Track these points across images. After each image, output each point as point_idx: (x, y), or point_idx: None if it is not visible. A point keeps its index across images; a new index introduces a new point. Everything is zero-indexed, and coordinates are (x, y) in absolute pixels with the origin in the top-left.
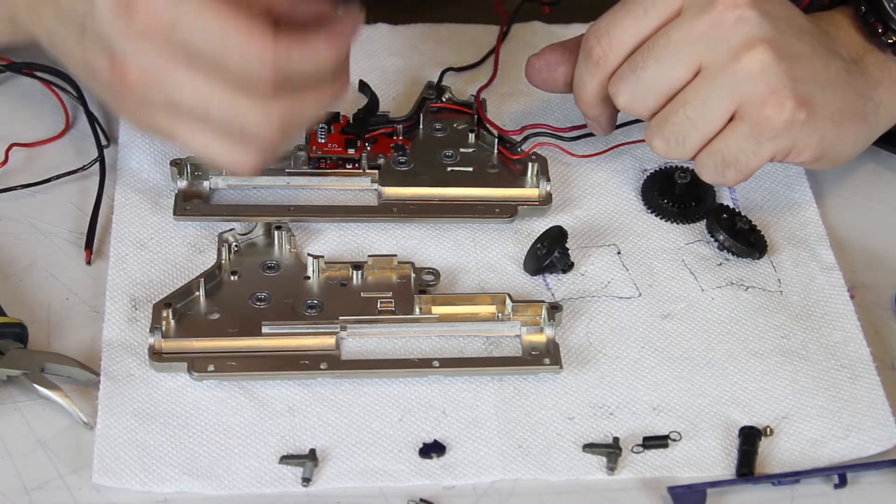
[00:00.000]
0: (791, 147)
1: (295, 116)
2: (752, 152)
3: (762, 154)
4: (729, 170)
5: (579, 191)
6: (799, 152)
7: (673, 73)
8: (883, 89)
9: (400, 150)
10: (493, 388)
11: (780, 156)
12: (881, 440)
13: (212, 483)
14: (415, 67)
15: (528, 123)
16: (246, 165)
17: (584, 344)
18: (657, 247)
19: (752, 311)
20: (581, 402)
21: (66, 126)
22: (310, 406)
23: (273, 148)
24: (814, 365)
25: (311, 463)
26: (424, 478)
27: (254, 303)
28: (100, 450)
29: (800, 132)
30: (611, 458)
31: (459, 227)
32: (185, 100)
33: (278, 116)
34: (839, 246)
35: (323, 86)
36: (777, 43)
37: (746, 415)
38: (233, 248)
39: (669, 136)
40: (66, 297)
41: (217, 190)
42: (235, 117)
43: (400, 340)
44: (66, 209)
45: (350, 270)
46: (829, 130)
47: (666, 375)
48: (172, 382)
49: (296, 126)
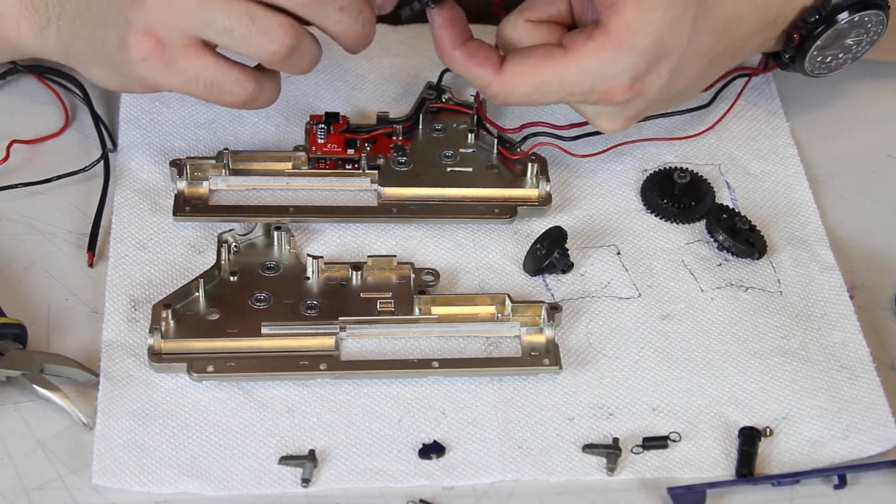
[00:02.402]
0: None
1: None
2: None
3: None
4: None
5: (579, 191)
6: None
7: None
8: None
9: (399, 151)
10: (492, 388)
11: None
12: (881, 441)
13: (211, 484)
14: (415, 67)
15: (528, 123)
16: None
17: (583, 344)
18: (657, 247)
19: (751, 312)
20: (581, 403)
21: (67, 123)
22: (309, 407)
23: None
24: (813, 365)
25: (310, 464)
26: (424, 478)
27: (253, 303)
28: (99, 450)
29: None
30: (610, 458)
31: (459, 227)
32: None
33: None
34: (839, 246)
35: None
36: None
37: (746, 415)
38: (232, 249)
39: None
40: (66, 298)
41: (216, 190)
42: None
43: (399, 341)
44: (65, 210)
45: (349, 271)
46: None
47: (665, 376)
48: (172, 383)
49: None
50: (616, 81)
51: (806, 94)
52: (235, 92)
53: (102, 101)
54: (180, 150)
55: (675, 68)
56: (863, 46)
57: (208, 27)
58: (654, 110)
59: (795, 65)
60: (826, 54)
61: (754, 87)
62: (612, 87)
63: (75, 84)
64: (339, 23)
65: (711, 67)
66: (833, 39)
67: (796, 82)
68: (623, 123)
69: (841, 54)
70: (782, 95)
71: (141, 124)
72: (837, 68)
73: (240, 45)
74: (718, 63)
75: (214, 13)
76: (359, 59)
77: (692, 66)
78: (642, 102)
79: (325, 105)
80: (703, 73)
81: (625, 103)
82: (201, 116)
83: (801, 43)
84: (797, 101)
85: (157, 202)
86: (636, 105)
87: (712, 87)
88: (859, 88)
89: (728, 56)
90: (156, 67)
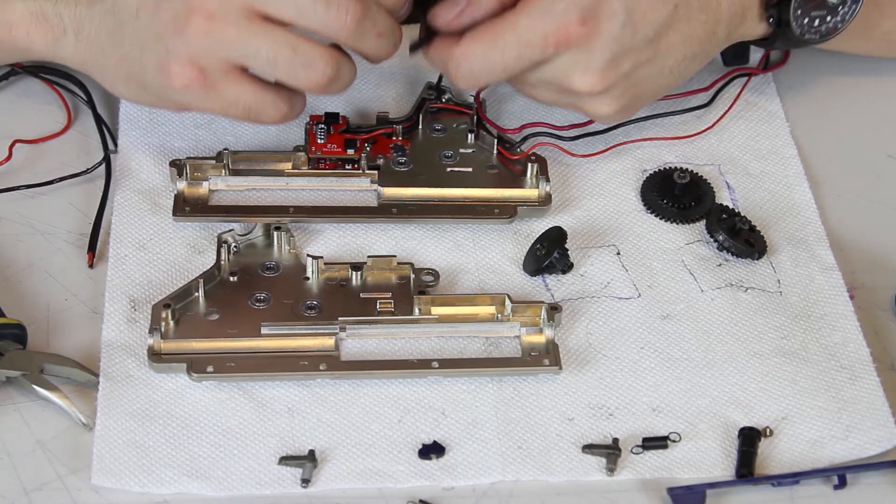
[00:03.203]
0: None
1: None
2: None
3: None
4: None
5: (579, 191)
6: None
7: None
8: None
9: (399, 151)
10: (492, 388)
11: None
12: (881, 441)
13: (211, 484)
14: (415, 67)
15: (528, 123)
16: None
17: (583, 345)
18: (657, 247)
19: (751, 312)
20: (581, 403)
21: (69, 123)
22: (309, 407)
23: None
24: (813, 366)
25: (310, 464)
26: (424, 479)
27: (253, 303)
28: (99, 451)
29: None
30: (610, 459)
31: (459, 227)
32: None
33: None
34: (839, 246)
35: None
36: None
37: (746, 415)
38: (232, 249)
39: None
40: (66, 298)
41: (216, 190)
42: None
43: (399, 341)
44: (65, 210)
45: (349, 271)
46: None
47: (665, 376)
48: (172, 383)
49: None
50: (565, 18)
51: (806, 95)
52: (271, 113)
53: (105, 103)
54: (180, 150)
55: (630, 6)
56: (848, 6)
57: (251, 58)
58: (639, 65)
59: (784, 30)
60: (812, 15)
61: (754, 87)
62: (563, 25)
63: (77, 85)
64: (376, 47)
65: (682, 18)
66: None
67: (796, 82)
68: (597, 76)
69: (828, 16)
70: (782, 95)
71: (141, 125)
72: (829, 34)
73: (282, 74)
74: (691, 16)
75: (258, 44)
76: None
77: (653, 9)
78: (607, 44)
79: (325, 105)
80: (676, 23)
81: (586, 45)
82: (201, 117)
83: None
84: (797, 101)
85: (157, 202)
86: (602, 47)
87: (712, 86)
88: (859, 89)
89: (699, 6)
90: (197, 95)
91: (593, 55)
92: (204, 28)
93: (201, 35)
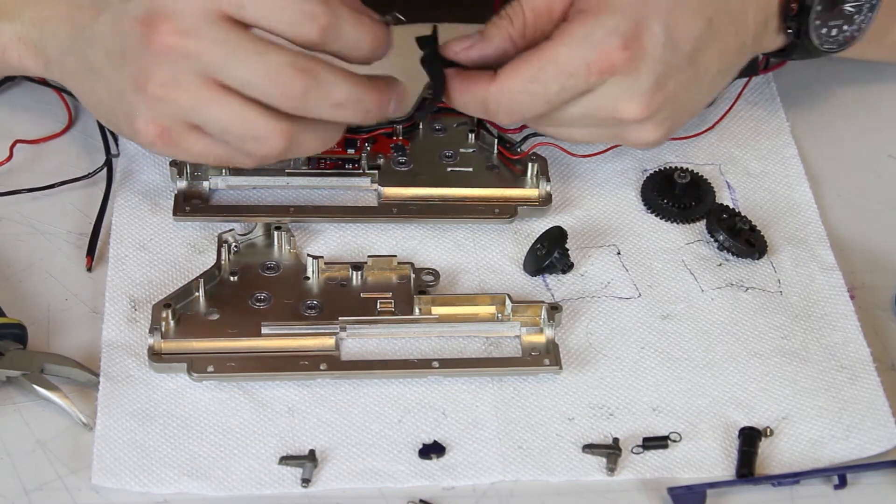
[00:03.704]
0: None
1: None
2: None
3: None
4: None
5: (579, 191)
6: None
7: None
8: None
9: (400, 151)
10: (492, 388)
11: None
12: (881, 441)
13: (211, 484)
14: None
15: None
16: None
17: (583, 344)
18: (657, 247)
19: (751, 312)
20: (581, 403)
21: (70, 123)
22: (309, 407)
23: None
24: (814, 366)
25: (310, 464)
26: (424, 479)
27: (253, 303)
28: (99, 451)
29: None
30: (610, 458)
31: (459, 227)
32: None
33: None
34: (839, 246)
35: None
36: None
37: (746, 415)
38: (232, 249)
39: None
40: (66, 298)
41: (217, 190)
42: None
43: (399, 341)
44: (66, 210)
45: (350, 271)
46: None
47: (666, 376)
48: (172, 383)
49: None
50: (607, 45)
51: (806, 95)
52: (245, 161)
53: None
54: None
55: (668, 25)
56: (864, 14)
57: (206, 124)
58: (681, 85)
59: (804, 41)
60: (830, 25)
61: (754, 87)
62: (605, 52)
63: None
64: (336, 115)
65: (716, 33)
66: (830, 5)
67: (796, 82)
68: (644, 100)
69: (845, 25)
70: (782, 95)
71: None
72: (847, 43)
73: (235, 144)
74: (723, 29)
75: (210, 112)
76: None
77: (690, 24)
78: (652, 66)
79: None
80: (711, 38)
81: (631, 70)
82: None
83: (800, 13)
84: (797, 101)
85: (158, 202)
86: (647, 70)
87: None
88: (860, 89)
89: (730, 19)
90: (165, 148)
91: (639, 79)
92: (160, 94)
93: (157, 100)
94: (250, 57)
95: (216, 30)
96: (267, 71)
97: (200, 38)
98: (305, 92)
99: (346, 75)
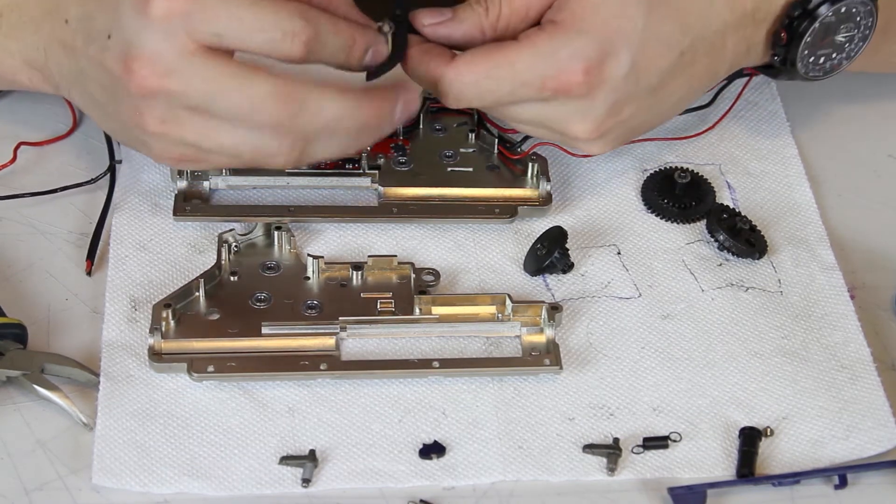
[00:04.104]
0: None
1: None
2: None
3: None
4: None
5: (579, 191)
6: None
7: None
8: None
9: (400, 151)
10: (493, 388)
11: None
12: (881, 441)
13: (211, 484)
14: None
15: None
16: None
17: (584, 344)
18: (657, 247)
19: (752, 312)
20: (581, 403)
21: (74, 126)
22: (309, 407)
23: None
24: (814, 365)
25: (310, 464)
26: (424, 479)
27: (253, 303)
28: (99, 451)
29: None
30: (611, 458)
31: (459, 227)
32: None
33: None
34: (839, 246)
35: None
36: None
37: (746, 415)
38: (232, 249)
39: None
40: (66, 298)
41: (217, 190)
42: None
43: (400, 341)
44: (67, 211)
45: (350, 271)
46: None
47: (666, 376)
48: (172, 383)
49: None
50: (568, 66)
51: (806, 94)
52: (269, 166)
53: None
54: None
55: (636, 56)
56: (855, 43)
57: (217, 148)
58: (638, 111)
59: (789, 68)
60: (818, 53)
61: (754, 87)
62: (564, 72)
63: None
64: (335, 130)
65: (687, 65)
66: (822, 35)
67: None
68: (594, 125)
69: (834, 53)
70: (782, 95)
71: None
72: (833, 70)
73: (250, 160)
74: (696, 60)
75: (216, 139)
76: None
77: (659, 57)
78: (610, 95)
79: None
80: (679, 70)
81: (587, 95)
82: None
83: (790, 42)
84: (797, 101)
85: (158, 202)
86: (603, 98)
87: (712, 87)
88: (860, 89)
89: (705, 51)
90: (191, 167)
91: (594, 105)
92: (161, 130)
93: (161, 136)
94: (232, 90)
95: (196, 65)
96: (251, 102)
97: (181, 76)
98: (292, 118)
99: (335, 92)
